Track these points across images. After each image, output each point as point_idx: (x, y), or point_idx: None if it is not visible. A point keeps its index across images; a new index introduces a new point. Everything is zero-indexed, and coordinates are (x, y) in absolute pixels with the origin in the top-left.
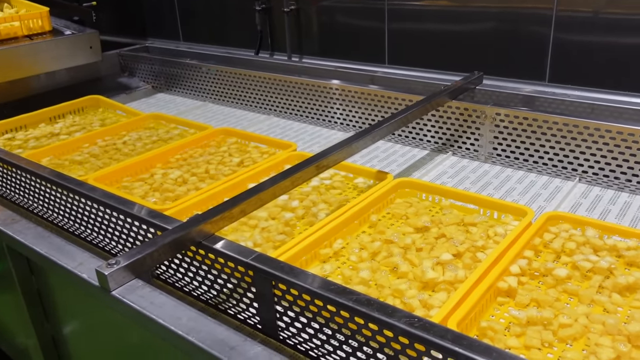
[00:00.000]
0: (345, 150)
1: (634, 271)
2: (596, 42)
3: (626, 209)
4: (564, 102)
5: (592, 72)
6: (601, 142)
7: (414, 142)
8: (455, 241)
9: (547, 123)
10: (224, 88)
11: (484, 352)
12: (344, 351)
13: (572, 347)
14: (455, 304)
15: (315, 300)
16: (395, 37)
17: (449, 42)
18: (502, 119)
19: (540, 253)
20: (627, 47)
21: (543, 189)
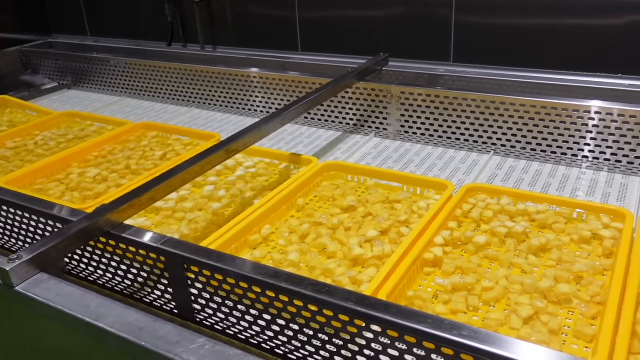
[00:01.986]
0: (255, 134)
1: (547, 233)
2: (495, 23)
3: (537, 176)
4: (466, 78)
5: (494, 51)
6: (510, 116)
7: (333, 125)
8: (381, 218)
9: (457, 100)
10: (140, 82)
11: (409, 316)
12: (259, 326)
13: (495, 308)
14: (384, 278)
15: (227, 278)
16: (307, 24)
17: (358, 27)
18: (407, 97)
19: (462, 223)
20: (525, 26)
21: (462, 164)
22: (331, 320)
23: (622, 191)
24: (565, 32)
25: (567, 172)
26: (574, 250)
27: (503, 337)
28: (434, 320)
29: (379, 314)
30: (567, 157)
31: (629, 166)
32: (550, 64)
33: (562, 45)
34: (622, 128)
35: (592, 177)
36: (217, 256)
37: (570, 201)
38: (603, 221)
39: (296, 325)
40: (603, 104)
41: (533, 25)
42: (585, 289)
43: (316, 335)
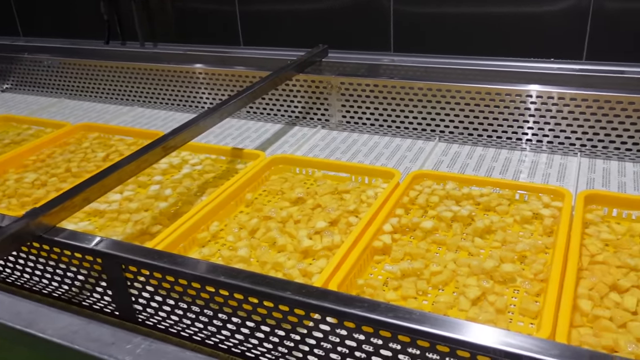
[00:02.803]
0: (193, 130)
1: (491, 215)
2: (434, 12)
3: (481, 161)
4: (407, 67)
5: (434, 39)
6: (454, 102)
7: (277, 118)
8: (330, 209)
9: (397, 88)
10: (78, 82)
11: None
12: (201, 322)
13: (444, 292)
14: (334, 268)
15: (166, 276)
16: (248, 18)
17: (299, 20)
18: (347, 88)
19: (409, 210)
20: (464, 15)
21: (408, 151)
22: (272, 311)
23: (561, 171)
24: (502, 19)
25: (510, 155)
26: (517, 231)
27: (437, 317)
28: (370, 304)
29: (317, 302)
30: (509, 141)
31: (567, 147)
32: (489, 50)
33: (500, 32)
34: (563, 110)
35: (533, 159)
36: (154, 255)
37: (513, 183)
38: (544, 201)
39: (238, 319)
40: (542, 87)
41: (471, 14)
42: (529, 267)
43: (258, 327)
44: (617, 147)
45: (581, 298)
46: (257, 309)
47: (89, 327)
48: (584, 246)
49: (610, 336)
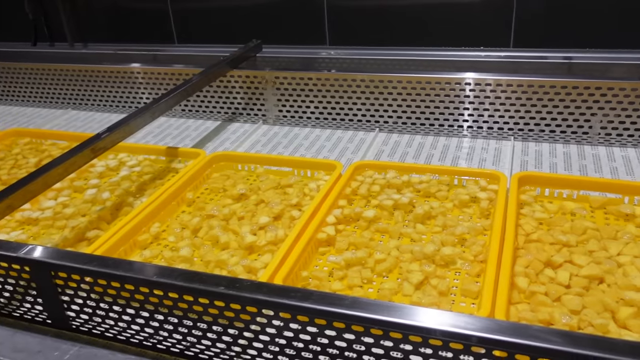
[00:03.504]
0: (124, 130)
1: (431, 201)
2: (368, 5)
3: (421, 148)
4: (342, 60)
5: (369, 32)
6: (393, 93)
7: (212, 115)
8: (274, 204)
9: (328, 81)
10: (5, 86)
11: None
12: (137, 324)
13: (388, 279)
14: (279, 263)
15: (98, 280)
16: (182, 15)
17: (234, 16)
18: (282, 82)
19: (352, 200)
20: (397, 7)
21: (349, 143)
22: (208, 308)
23: (497, 155)
24: (434, 10)
25: (448, 142)
26: (457, 215)
27: (370, 301)
28: (303, 293)
29: (251, 295)
30: (446, 128)
31: (501, 132)
32: (423, 41)
33: (433, 23)
34: (499, 97)
35: (470, 145)
36: (84, 259)
37: (451, 169)
38: (481, 185)
39: (174, 318)
40: (478, 75)
41: (405, 6)
42: (469, 249)
43: (195, 325)
44: (544, 130)
45: (518, 276)
46: (192, 306)
47: (15, 337)
48: (519, 226)
49: (546, 310)
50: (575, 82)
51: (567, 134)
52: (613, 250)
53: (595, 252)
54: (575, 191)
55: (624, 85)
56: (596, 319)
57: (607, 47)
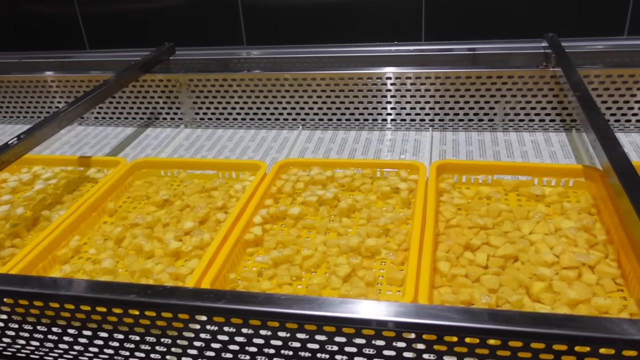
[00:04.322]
0: (28, 141)
1: (356, 195)
2: (284, 4)
3: (344, 144)
4: (258, 59)
5: (285, 30)
6: (314, 90)
7: (134, 121)
8: (199, 208)
9: (244, 81)
10: None
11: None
12: (50, 341)
13: (316, 274)
14: (206, 267)
15: (5, 299)
16: (91, 20)
17: (147, 19)
18: (197, 84)
19: (278, 199)
20: (313, 5)
21: (274, 142)
22: (123, 317)
23: (417, 146)
24: (349, 7)
25: (370, 136)
26: (380, 206)
27: (284, 296)
28: (216, 294)
29: (165, 301)
30: (368, 122)
31: (420, 123)
32: (340, 38)
33: (348, 19)
34: (421, 89)
35: (391, 138)
36: None
37: (373, 162)
38: (402, 176)
39: (89, 332)
40: (397, 69)
41: (319, 3)
42: (393, 239)
43: (112, 336)
44: (462, 119)
45: (440, 260)
46: (107, 317)
47: None
48: (439, 213)
49: (466, 291)
50: (479, 72)
51: (479, 122)
52: (525, 230)
53: (509, 232)
54: (489, 176)
55: (522, 74)
56: (512, 296)
57: (510, 37)
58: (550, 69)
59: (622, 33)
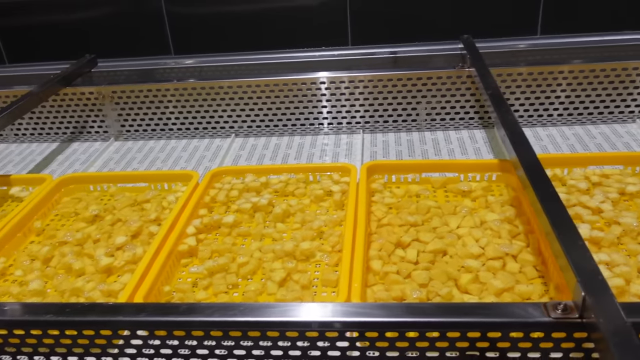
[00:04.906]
0: None
1: (290, 199)
2: (210, 12)
3: (277, 149)
4: (185, 68)
5: (213, 39)
6: (244, 98)
7: (58, 136)
8: (131, 222)
9: (169, 91)
10: None
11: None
12: None
13: (252, 280)
14: (138, 281)
15: None
16: (10, 34)
17: (69, 30)
18: (120, 96)
19: (212, 208)
20: (239, 13)
21: (206, 151)
22: (42, 338)
23: (349, 149)
24: (275, 14)
25: (302, 141)
26: (314, 210)
27: (205, 305)
28: (137, 307)
29: (82, 318)
30: (300, 127)
31: (351, 126)
32: (267, 44)
33: (274, 26)
34: (355, 92)
35: (323, 141)
36: None
37: (306, 166)
38: (334, 178)
39: (8, 356)
40: (330, 73)
41: (248, 11)
42: (327, 241)
43: (32, 359)
44: (389, 121)
45: (373, 259)
46: (25, 339)
47: None
48: (371, 212)
49: (398, 287)
50: (400, 74)
51: (404, 123)
52: (453, 224)
53: (438, 228)
54: (418, 174)
55: (440, 74)
56: (442, 289)
57: (430, 40)
58: (466, 69)
59: (535, 32)
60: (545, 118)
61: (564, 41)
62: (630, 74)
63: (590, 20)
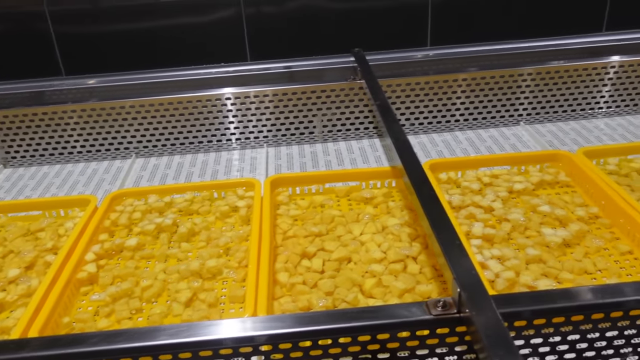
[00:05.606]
0: None
1: (195, 218)
2: (99, 31)
3: (180, 168)
4: (74, 89)
5: (103, 59)
6: (147, 117)
7: None
8: (25, 252)
9: (66, 114)
10: None
11: None
12: None
13: (157, 303)
14: (32, 314)
15: None
16: None
17: None
18: (3, 121)
19: (113, 232)
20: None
21: (106, 174)
22: None
23: (253, 163)
24: (173, 35)
25: (206, 158)
26: (220, 227)
27: (89, 334)
28: (17, 344)
29: None
30: (203, 144)
31: (255, 141)
32: (164, 62)
33: (174, 44)
34: (261, 107)
35: (227, 157)
36: None
37: (210, 184)
38: (239, 194)
39: None
40: (236, 89)
41: (145, 29)
42: (233, 257)
43: None
44: (300, 133)
45: (279, 272)
46: None
47: None
48: (277, 226)
49: (304, 297)
50: (294, 88)
51: (301, 135)
52: (356, 232)
53: (342, 236)
54: (321, 185)
55: (334, 87)
56: (347, 295)
57: (327, 53)
58: (357, 81)
59: (425, 44)
60: (442, 124)
61: (454, 51)
62: (516, 80)
63: (481, 32)
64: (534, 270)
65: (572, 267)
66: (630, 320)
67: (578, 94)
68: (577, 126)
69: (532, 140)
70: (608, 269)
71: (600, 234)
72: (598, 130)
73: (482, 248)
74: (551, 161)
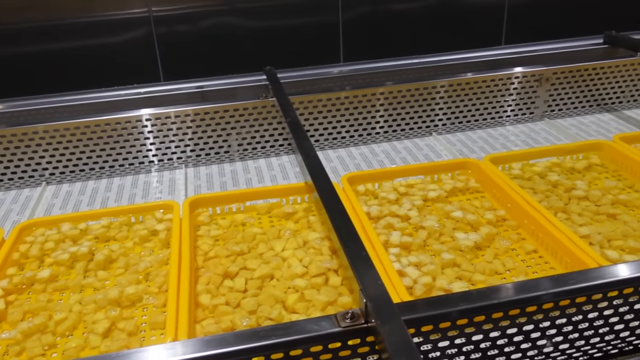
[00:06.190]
0: None
1: (112, 244)
2: (22, 52)
3: (95, 194)
4: None
5: (25, 82)
6: (58, 142)
7: None
8: None
9: None
10: None
11: None
12: None
13: (73, 336)
14: None
15: None
16: None
17: None
18: None
19: (23, 265)
20: (62, 51)
21: (14, 204)
22: None
23: (172, 185)
24: (80, 53)
25: (122, 182)
26: (139, 252)
27: None
28: None
29: None
30: (118, 168)
31: (172, 162)
32: (75, 85)
33: (80, 65)
34: (172, 128)
35: (145, 180)
36: None
37: (126, 208)
38: (157, 217)
39: None
40: (154, 110)
41: (49, 51)
42: (153, 282)
43: None
44: (215, 153)
45: (201, 294)
46: None
47: None
48: (197, 247)
49: (227, 318)
50: (207, 108)
51: (230, 154)
52: (278, 248)
53: (264, 253)
54: (242, 204)
55: (247, 105)
56: (271, 312)
57: (240, 72)
58: (269, 99)
59: (338, 60)
60: (360, 138)
61: (367, 67)
62: (430, 92)
63: (394, 46)
64: (449, 274)
65: (483, 268)
66: (527, 316)
67: (487, 104)
68: (484, 134)
69: (444, 150)
70: (516, 268)
71: (507, 236)
72: (503, 138)
73: (400, 256)
74: (461, 169)
